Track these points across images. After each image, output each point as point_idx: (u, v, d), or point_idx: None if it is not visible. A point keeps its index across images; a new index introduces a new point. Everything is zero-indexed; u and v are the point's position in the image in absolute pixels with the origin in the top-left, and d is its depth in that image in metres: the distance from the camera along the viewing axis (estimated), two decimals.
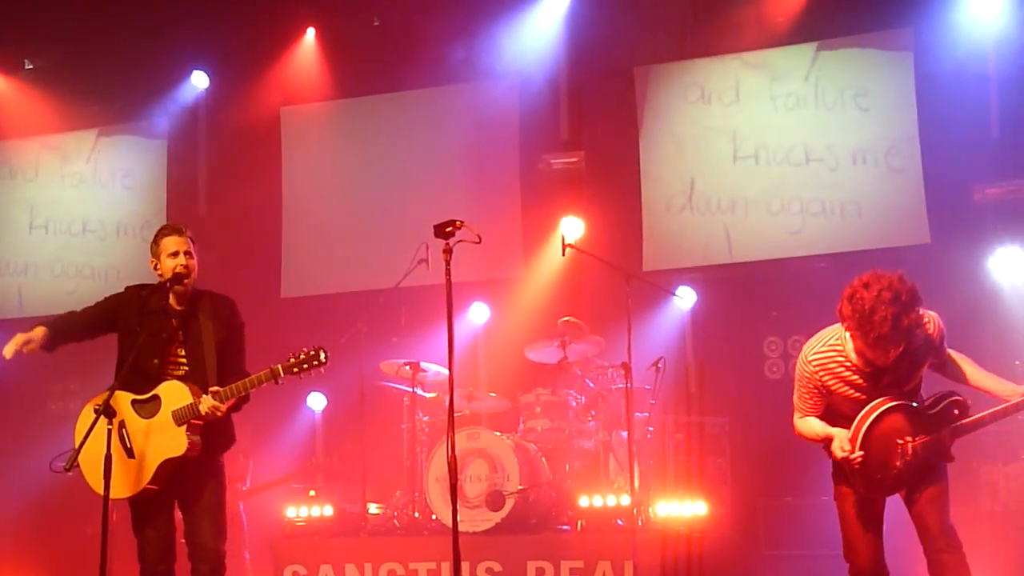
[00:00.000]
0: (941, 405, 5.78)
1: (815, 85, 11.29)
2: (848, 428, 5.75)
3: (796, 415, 6.03)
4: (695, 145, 11.60)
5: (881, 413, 5.69)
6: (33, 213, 13.64)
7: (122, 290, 6.73)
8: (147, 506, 6.38)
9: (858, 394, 5.80)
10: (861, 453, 5.62)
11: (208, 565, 6.41)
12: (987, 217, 10.46)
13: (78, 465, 6.19)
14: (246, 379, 6.24)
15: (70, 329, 6.70)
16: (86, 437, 6.15)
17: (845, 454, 5.64)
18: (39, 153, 13.68)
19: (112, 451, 6.11)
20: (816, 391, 5.88)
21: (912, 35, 11.05)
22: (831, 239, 11.04)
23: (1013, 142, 10.52)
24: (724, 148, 11.48)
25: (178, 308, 6.50)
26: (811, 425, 5.94)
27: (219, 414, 6.20)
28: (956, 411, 5.76)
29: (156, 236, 6.61)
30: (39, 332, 6.55)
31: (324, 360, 6.20)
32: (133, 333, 6.45)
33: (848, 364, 5.76)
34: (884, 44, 11.18)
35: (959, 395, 5.80)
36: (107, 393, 6.13)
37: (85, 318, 6.70)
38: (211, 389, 6.21)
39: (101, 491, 6.12)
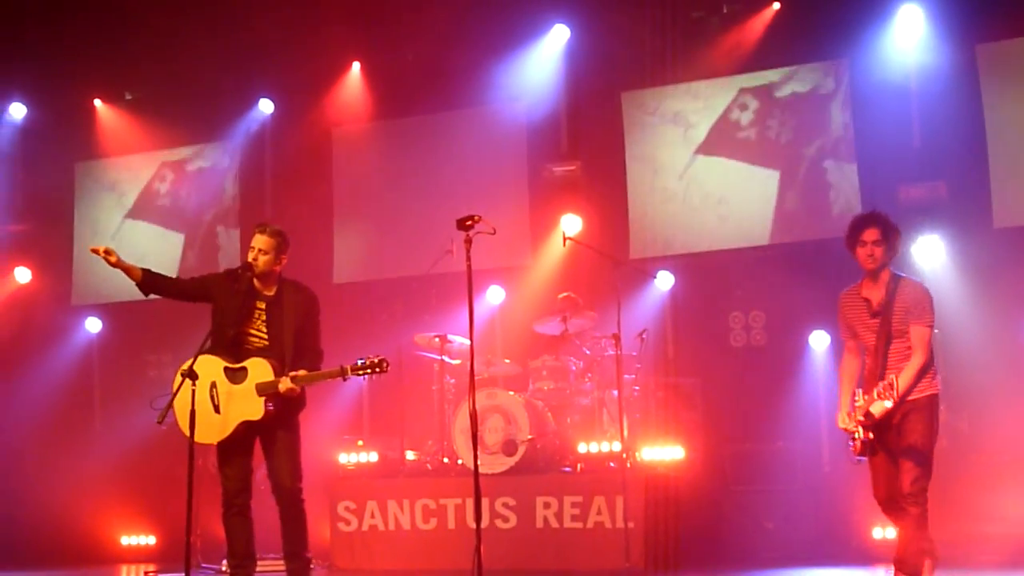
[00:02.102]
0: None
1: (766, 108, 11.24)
2: (873, 360, 5.97)
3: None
4: (668, 156, 11.51)
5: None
6: (125, 210, 13.67)
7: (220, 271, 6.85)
8: (228, 451, 6.47)
9: (870, 334, 5.98)
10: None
11: (287, 501, 6.51)
12: (910, 212, 10.34)
13: (173, 417, 6.20)
14: (319, 372, 6.37)
15: (166, 284, 6.80)
16: (173, 396, 6.21)
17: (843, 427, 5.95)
18: (136, 167, 13.67)
19: (201, 405, 6.25)
20: (843, 324, 6.18)
21: (848, 64, 10.95)
22: (785, 230, 10.99)
23: (930, 150, 10.45)
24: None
25: (265, 292, 6.58)
26: (841, 384, 6.14)
27: (293, 395, 6.28)
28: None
29: None
30: (136, 270, 6.64)
31: (386, 368, 6.26)
32: (224, 308, 6.55)
33: (859, 299, 6.05)
34: (825, 73, 11.08)
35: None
36: (191, 360, 6.16)
37: (182, 283, 6.90)
38: (291, 374, 6.26)
39: (198, 438, 6.30)
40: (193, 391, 6.08)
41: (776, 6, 11.15)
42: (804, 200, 10.95)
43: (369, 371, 6.25)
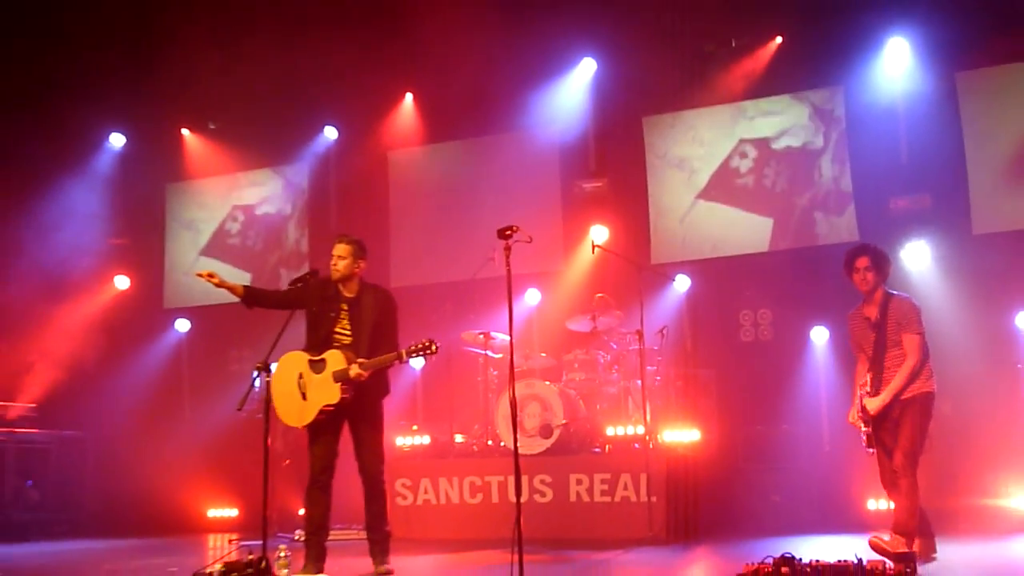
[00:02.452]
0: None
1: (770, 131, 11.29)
2: (873, 368, 6.27)
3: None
4: (686, 173, 11.53)
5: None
6: (209, 226, 13.85)
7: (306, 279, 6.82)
8: (315, 433, 6.59)
9: (871, 346, 6.27)
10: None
11: (371, 482, 6.66)
12: (898, 221, 10.42)
13: (253, 403, 6.34)
14: (381, 357, 6.41)
15: (265, 296, 6.92)
16: (250, 388, 6.57)
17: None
18: (219, 187, 13.83)
19: (290, 393, 6.51)
20: (852, 340, 6.47)
21: (843, 91, 10.98)
22: (789, 239, 11.02)
23: (916, 167, 10.52)
24: (702, 177, 11.48)
25: (348, 295, 6.66)
26: (854, 389, 6.41)
27: (362, 378, 6.36)
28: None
29: None
30: (238, 286, 6.79)
31: (435, 350, 6.39)
32: (315, 312, 6.68)
33: (861, 318, 6.36)
34: (824, 99, 11.13)
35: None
36: (269, 353, 6.27)
37: (278, 295, 6.94)
38: (358, 360, 6.36)
39: (283, 420, 6.60)
40: (267, 382, 6.22)
41: (779, 40, 11.18)
42: (804, 211, 11.00)
43: (421, 352, 6.36)
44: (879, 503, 8.80)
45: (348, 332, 6.59)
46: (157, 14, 11.27)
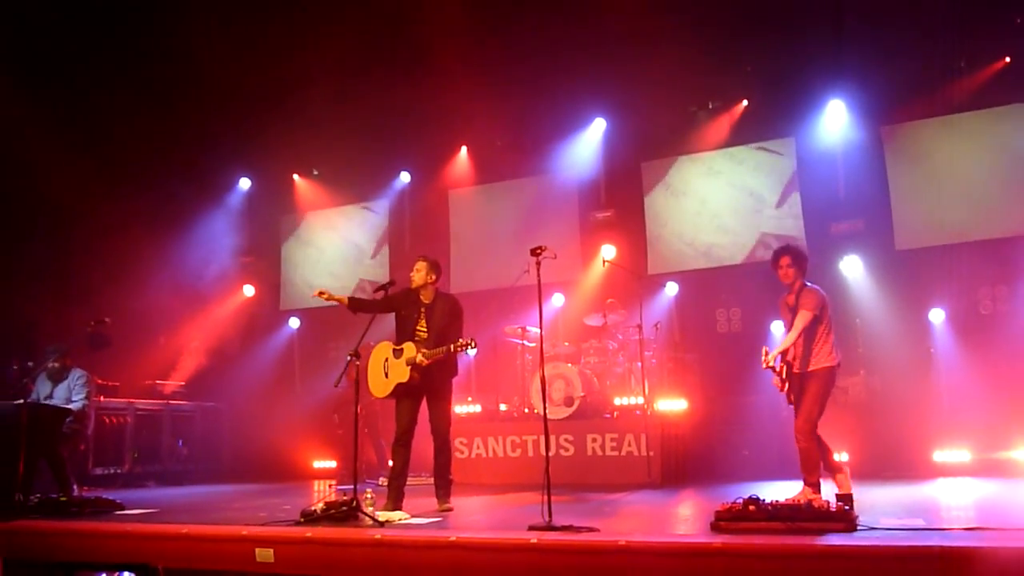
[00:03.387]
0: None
1: (739, 172, 11.17)
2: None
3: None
4: (673, 205, 11.46)
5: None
6: (316, 252, 13.88)
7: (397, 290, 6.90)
8: (400, 402, 6.66)
9: (788, 325, 6.12)
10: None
11: (440, 441, 6.75)
12: (837, 240, 10.30)
13: (347, 381, 6.34)
14: (436, 349, 6.44)
15: (367, 304, 6.90)
16: (345, 369, 6.60)
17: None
18: (321, 218, 13.88)
19: (377, 372, 6.67)
20: (782, 317, 6.27)
21: (794, 141, 10.89)
22: (753, 254, 10.90)
23: (851, 199, 10.43)
24: (687, 207, 11.39)
25: (425, 302, 6.72)
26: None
27: (424, 364, 6.43)
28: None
29: None
30: (343, 297, 6.87)
31: (475, 346, 6.44)
32: (402, 315, 6.75)
33: (784, 303, 6.23)
34: (779, 147, 11.03)
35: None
36: (358, 343, 6.28)
37: (375, 302, 6.89)
38: (421, 351, 6.45)
39: (372, 392, 6.70)
40: (357, 365, 6.19)
41: (745, 103, 11.12)
42: (768, 234, 10.87)
43: (464, 348, 6.40)
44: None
45: (425, 330, 6.64)
46: (274, 90, 11.36)
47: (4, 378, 10.13)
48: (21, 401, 7.10)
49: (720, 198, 11.21)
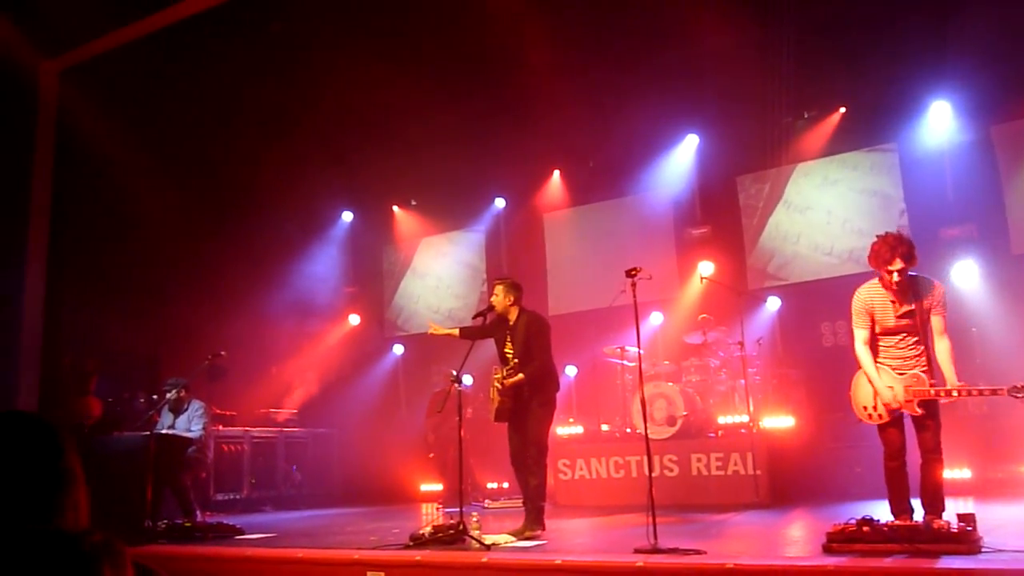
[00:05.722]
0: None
1: (857, 177, 10.85)
2: (892, 343, 5.23)
3: (857, 340, 5.32)
4: (800, 220, 11.15)
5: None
6: (418, 276, 14.13)
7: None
8: (509, 427, 6.63)
9: (892, 319, 5.22)
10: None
11: (518, 462, 6.60)
12: (948, 246, 9.85)
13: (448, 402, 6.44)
14: (513, 379, 6.34)
15: (473, 332, 6.94)
16: (445, 395, 6.55)
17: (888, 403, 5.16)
18: (421, 247, 14.14)
19: (489, 396, 6.78)
20: (864, 311, 5.31)
21: (897, 147, 10.53)
22: (859, 265, 10.54)
23: (960, 203, 9.93)
24: (815, 219, 11.06)
25: (510, 323, 6.68)
26: (867, 363, 5.22)
27: (503, 388, 6.41)
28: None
29: None
30: (455, 330, 7.05)
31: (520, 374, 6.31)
32: (496, 338, 6.76)
33: (882, 291, 5.29)
34: (880, 153, 10.69)
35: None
36: (460, 368, 6.40)
37: (479, 329, 6.91)
38: (498, 375, 6.48)
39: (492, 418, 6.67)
40: (460, 392, 6.32)
41: (843, 110, 10.82)
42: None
43: (509, 374, 6.31)
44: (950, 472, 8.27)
45: (511, 351, 6.61)
46: (373, 122, 11.69)
47: (132, 411, 10.70)
48: (148, 433, 7.48)
49: (845, 204, 10.85)
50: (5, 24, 8.88)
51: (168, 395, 8.34)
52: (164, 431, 8.16)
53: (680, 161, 11.78)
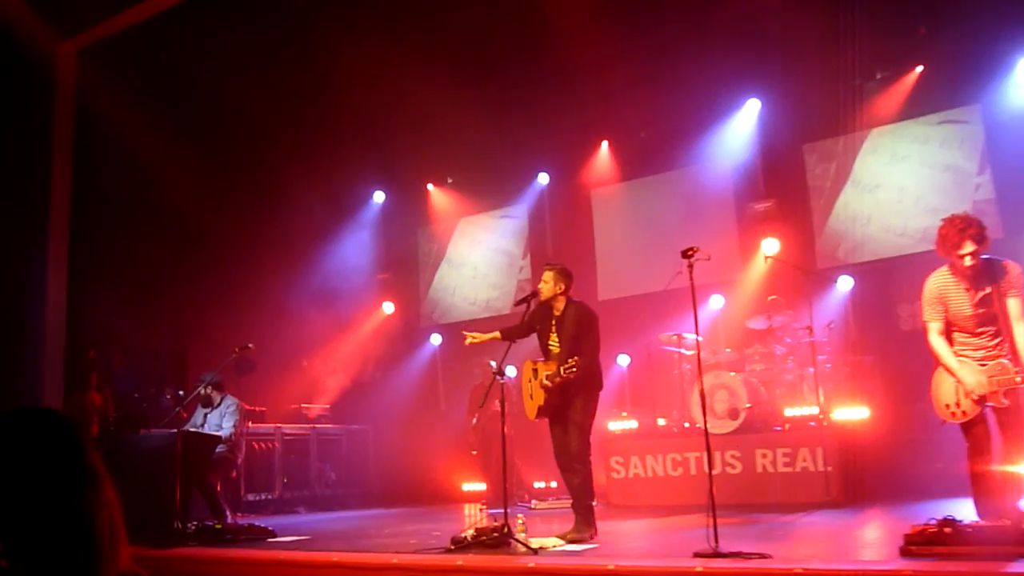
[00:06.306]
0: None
1: (927, 151, 10.66)
2: (971, 334, 5.19)
3: (930, 333, 5.32)
4: (870, 201, 11.01)
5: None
6: (454, 267, 14.23)
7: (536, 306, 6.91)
8: (550, 425, 6.68)
9: (968, 308, 5.17)
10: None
11: (577, 447, 6.56)
12: None
13: (503, 401, 6.47)
14: (563, 377, 6.26)
15: (514, 331, 6.95)
16: (487, 391, 6.77)
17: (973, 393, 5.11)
18: (468, 237, 14.22)
19: (526, 392, 6.77)
20: (936, 300, 5.28)
21: (980, 108, 10.32)
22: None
23: None
24: (885, 198, 10.91)
25: (556, 313, 6.69)
26: (944, 354, 5.22)
27: (551, 386, 6.36)
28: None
29: None
30: (494, 335, 7.03)
31: (572, 373, 6.22)
32: (540, 330, 6.79)
33: (954, 279, 5.22)
34: (962, 116, 10.46)
35: None
36: (501, 361, 6.42)
37: (522, 326, 6.93)
38: (546, 375, 6.42)
39: (527, 415, 6.77)
40: (502, 385, 6.36)
41: (919, 69, 10.61)
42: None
43: (565, 374, 6.23)
44: None
45: (557, 344, 6.62)
46: (401, 101, 11.75)
47: (158, 407, 10.97)
48: (175, 430, 7.67)
49: (917, 180, 10.70)
50: (20, 4, 9.08)
51: (200, 391, 8.54)
52: (196, 428, 8.36)
53: (741, 129, 11.68)
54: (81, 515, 1.65)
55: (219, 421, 8.49)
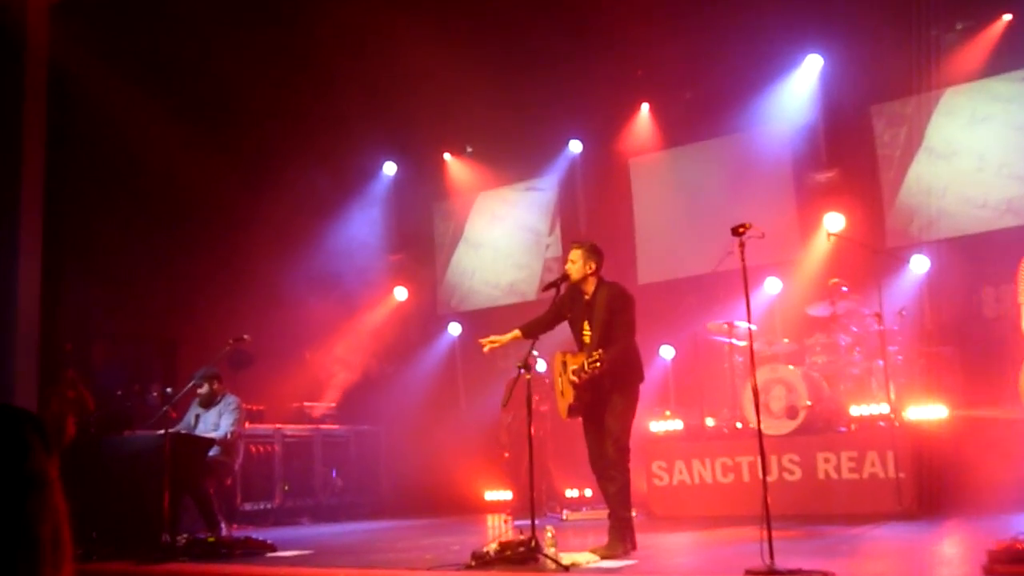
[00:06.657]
0: None
1: (1013, 111, 10.51)
2: None
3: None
4: (944, 170, 10.88)
5: None
6: (472, 247, 14.25)
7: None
8: (584, 425, 6.63)
9: None
10: None
11: (614, 450, 6.50)
12: None
13: (530, 398, 6.46)
14: (588, 374, 6.20)
15: (536, 326, 6.93)
16: (512, 387, 6.74)
17: None
18: (479, 203, 14.24)
19: (558, 388, 6.71)
20: None
21: None
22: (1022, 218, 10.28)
23: None
24: (962, 166, 10.78)
25: (587, 297, 6.64)
26: None
27: (579, 381, 6.30)
28: None
29: None
30: (513, 334, 6.96)
31: (597, 368, 6.15)
32: (570, 317, 6.74)
33: None
34: None
35: None
36: (527, 353, 6.44)
37: (546, 317, 6.92)
38: (573, 367, 6.35)
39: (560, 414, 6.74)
40: (528, 380, 6.33)
41: (1007, 17, 10.44)
42: None
43: (590, 369, 6.18)
44: None
45: (588, 331, 6.56)
46: (416, 59, 11.70)
47: (145, 406, 11.05)
48: (163, 432, 7.72)
49: (1000, 145, 10.55)
50: None
51: (200, 390, 8.59)
52: (184, 430, 8.41)
53: (799, 89, 11.56)
54: (22, 524, 1.63)
55: (216, 419, 8.54)
